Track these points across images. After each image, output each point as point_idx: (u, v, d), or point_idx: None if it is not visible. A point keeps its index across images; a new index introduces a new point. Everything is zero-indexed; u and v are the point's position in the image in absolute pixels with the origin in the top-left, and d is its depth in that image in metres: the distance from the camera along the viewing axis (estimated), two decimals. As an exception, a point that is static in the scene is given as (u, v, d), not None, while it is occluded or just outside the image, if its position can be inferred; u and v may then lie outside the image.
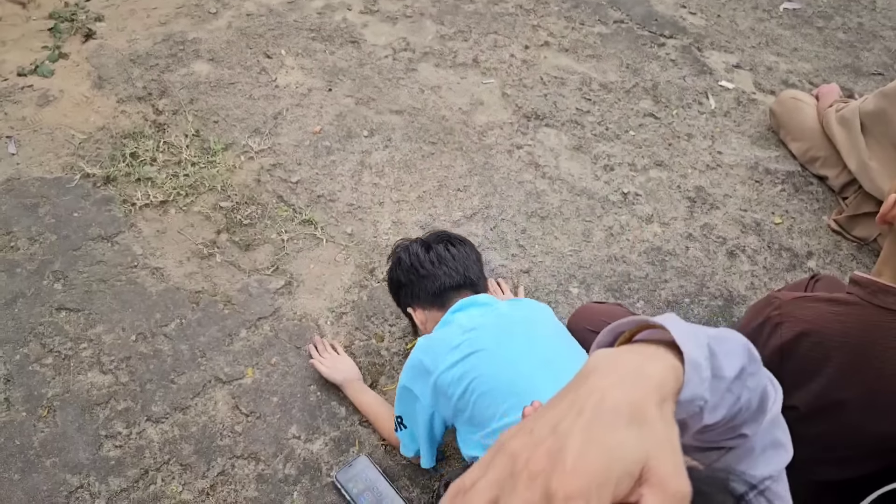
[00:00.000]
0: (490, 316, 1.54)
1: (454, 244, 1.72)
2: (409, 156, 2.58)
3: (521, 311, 1.60)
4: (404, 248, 1.75)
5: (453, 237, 1.76)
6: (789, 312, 1.38)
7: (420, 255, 1.70)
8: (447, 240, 1.74)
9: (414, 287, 1.71)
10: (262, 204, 2.36)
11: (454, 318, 1.57)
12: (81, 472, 1.74)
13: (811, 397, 1.39)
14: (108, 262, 2.14)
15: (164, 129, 2.52)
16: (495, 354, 1.42)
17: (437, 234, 1.77)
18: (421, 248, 1.71)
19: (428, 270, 1.67)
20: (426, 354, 1.52)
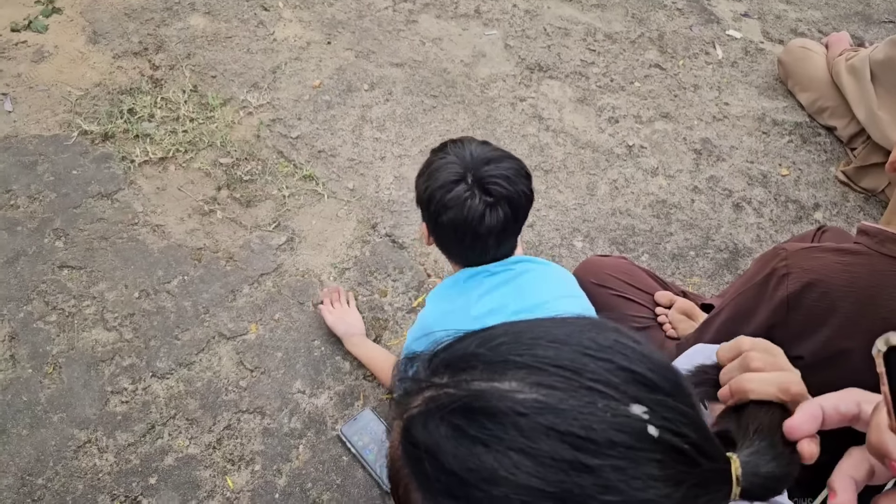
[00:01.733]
0: (509, 296, 1.42)
1: (517, 209, 1.34)
2: (410, 109, 2.54)
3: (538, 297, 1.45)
4: (462, 199, 1.31)
5: (520, 193, 1.33)
6: (796, 263, 1.36)
7: (477, 216, 1.31)
8: (511, 202, 1.32)
9: (449, 242, 1.43)
10: (263, 160, 2.33)
11: (473, 299, 1.43)
12: (89, 427, 1.76)
13: (817, 347, 1.38)
14: (109, 219, 2.12)
15: (161, 85, 2.48)
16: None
17: (500, 187, 1.31)
18: (484, 208, 1.30)
19: (477, 247, 1.38)
20: (439, 323, 1.46)
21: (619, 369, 0.47)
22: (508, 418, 0.45)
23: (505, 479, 0.43)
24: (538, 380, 0.46)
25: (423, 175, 1.39)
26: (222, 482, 1.71)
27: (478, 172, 1.31)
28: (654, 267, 2.24)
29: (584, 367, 0.47)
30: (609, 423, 0.44)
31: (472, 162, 1.32)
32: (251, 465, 1.74)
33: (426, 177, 1.37)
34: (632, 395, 0.46)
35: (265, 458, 1.76)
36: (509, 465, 0.43)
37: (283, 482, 1.73)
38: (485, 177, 1.30)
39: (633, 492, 0.43)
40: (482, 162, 1.32)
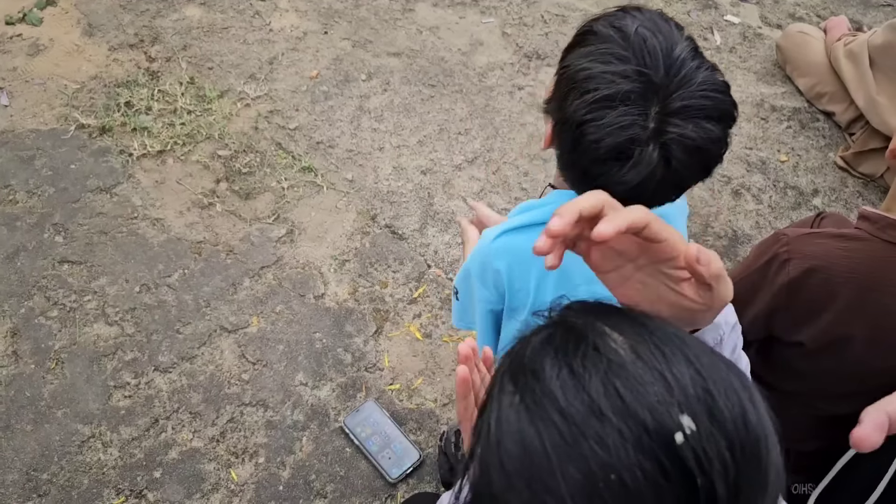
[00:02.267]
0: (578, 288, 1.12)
1: (701, 165, 0.92)
2: (408, 99, 2.54)
3: None
4: (628, 138, 0.86)
5: (713, 140, 0.89)
6: (797, 249, 1.37)
7: (644, 168, 0.88)
8: (698, 155, 0.89)
9: (580, 171, 0.96)
10: (261, 152, 2.32)
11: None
12: (92, 421, 1.76)
13: (818, 333, 1.39)
14: (108, 213, 2.12)
15: (158, 77, 2.47)
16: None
17: (689, 139, 0.87)
18: (658, 161, 0.88)
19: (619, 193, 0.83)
20: (511, 274, 1.12)
21: (704, 391, 0.48)
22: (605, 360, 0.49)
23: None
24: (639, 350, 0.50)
25: (580, 89, 0.89)
26: (226, 475, 1.72)
27: (665, 126, 0.86)
28: (654, 255, 2.24)
29: (680, 377, 0.48)
30: (651, 408, 0.45)
31: (663, 94, 0.86)
32: (255, 458, 1.75)
33: (588, 99, 0.87)
34: (690, 409, 0.46)
35: (269, 451, 1.76)
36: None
37: (286, 474, 1.74)
38: (673, 139, 0.86)
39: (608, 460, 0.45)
40: (674, 110, 0.86)
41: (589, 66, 0.88)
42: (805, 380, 1.51)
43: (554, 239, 0.54)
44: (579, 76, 0.88)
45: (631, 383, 0.47)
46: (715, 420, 0.46)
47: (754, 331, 1.48)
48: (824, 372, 1.46)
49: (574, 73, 0.89)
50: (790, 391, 1.56)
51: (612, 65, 0.86)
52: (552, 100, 0.97)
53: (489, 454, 0.50)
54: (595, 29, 0.91)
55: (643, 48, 0.86)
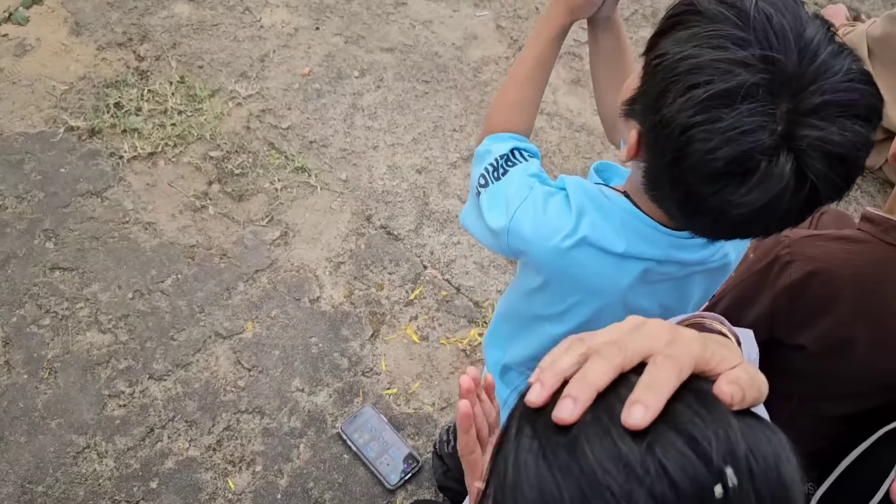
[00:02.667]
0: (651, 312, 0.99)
1: (842, 185, 0.73)
2: (401, 96, 2.50)
3: None
4: (769, 151, 0.68)
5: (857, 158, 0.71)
6: (799, 251, 1.35)
7: (782, 207, 0.71)
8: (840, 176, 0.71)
9: (678, 196, 0.78)
10: (253, 152, 2.29)
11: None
12: (87, 432, 1.74)
13: (820, 335, 1.37)
14: (99, 218, 2.09)
15: (148, 77, 2.43)
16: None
17: (840, 163, 0.70)
18: (794, 193, 0.70)
19: (727, 229, 0.80)
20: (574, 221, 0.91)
21: (746, 447, 0.44)
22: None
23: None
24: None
25: (683, 83, 0.69)
26: (223, 484, 1.71)
27: (798, 129, 0.67)
28: (652, 252, 2.22)
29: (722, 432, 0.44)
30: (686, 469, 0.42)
31: (795, 89, 0.67)
32: (252, 466, 1.74)
33: (695, 96, 0.68)
34: (734, 464, 0.43)
35: (266, 459, 1.75)
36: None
37: (284, 482, 1.72)
38: (811, 144, 0.67)
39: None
40: (810, 108, 0.67)
41: (696, 54, 0.68)
42: (807, 382, 1.50)
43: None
44: (682, 66, 0.69)
45: (664, 443, 0.43)
46: (753, 476, 0.43)
47: (756, 333, 1.46)
48: (827, 374, 1.45)
49: (674, 63, 0.69)
50: (791, 393, 1.55)
51: (728, 51, 0.67)
52: (639, 99, 0.78)
53: (505, 496, 0.48)
54: (700, 6, 0.70)
55: (767, 28, 0.67)
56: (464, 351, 1.96)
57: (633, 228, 0.89)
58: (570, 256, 0.91)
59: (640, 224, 0.89)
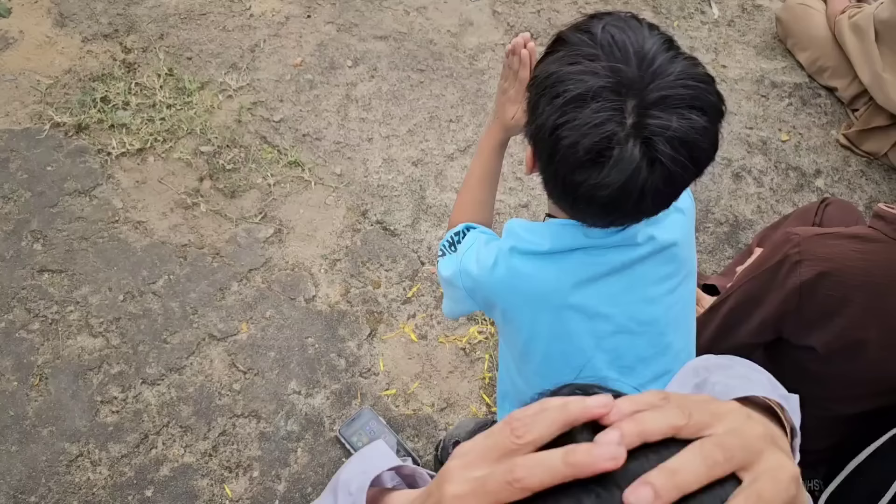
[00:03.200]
0: (615, 319, 1.06)
1: (690, 170, 0.85)
2: (396, 86, 2.44)
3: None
4: (619, 140, 0.81)
5: (700, 150, 0.84)
6: (809, 250, 1.31)
7: (636, 187, 0.83)
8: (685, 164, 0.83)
9: (566, 191, 0.90)
10: (245, 146, 2.24)
11: (569, 280, 1.02)
12: (80, 439, 1.71)
13: (830, 337, 1.34)
14: (88, 218, 2.04)
15: (135, 70, 2.36)
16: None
17: (684, 148, 0.82)
18: (648, 175, 0.82)
19: (610, 211, 0.90)
20: (504, 296, 1.05)
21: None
22: None
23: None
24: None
25: (550, 93, 0.84)
26: (220, 491, 1.67)
27: (644, 119, 0.80)
28: (654, 244, 2.18)
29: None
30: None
31: (639, 87, 0.81)
32: (249, 472, 1.70)
33: (557, 102, 0.83)
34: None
35: (263, 464, 1.71)
36: None
37: (282, 488, 1.69)
38: (655, 132, 0.81)
39: None
40: (652, 101, 0.81)
41: (558, 70, 0.84)
42: (816, 382, 1.46)
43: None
44: (548, 81, 0.85)
45: None
46: None
47: (763, 333, 1.42)
48: (836, 375, 1.41)
49: (543, 80, 0.86)
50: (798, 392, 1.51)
51: (581, 64, 0.83)
52: (527, 120, 0.92)
53: None
54: (563, 36, 0.88)
55: (612, 44, 0.83)
56: (463, 349, 1.92)
57: (554, 231, 1.01)
58: (506, 268, 1.02)
59: (559, 226, 1.01)
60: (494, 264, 1.04)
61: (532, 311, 1.05)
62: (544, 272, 1.02)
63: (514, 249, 1.03)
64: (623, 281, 1.04)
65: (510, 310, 1.07)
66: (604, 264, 1.02)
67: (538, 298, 1.03)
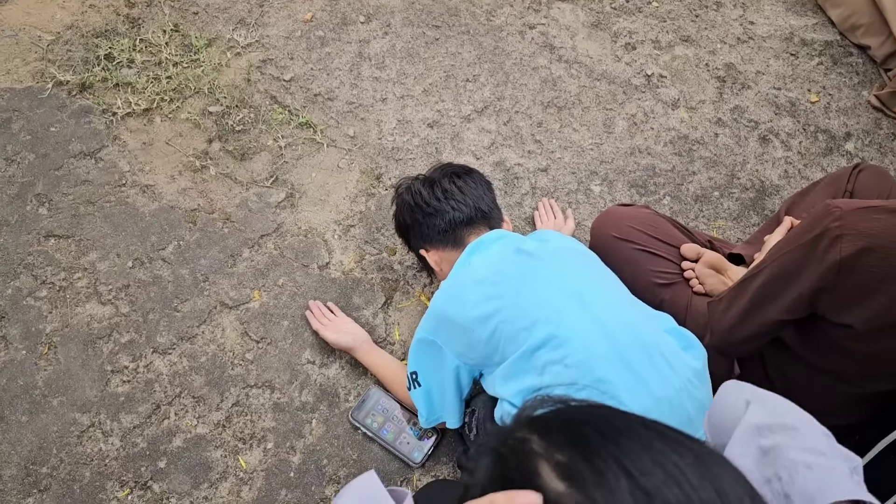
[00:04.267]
0: (509, 251, 1.38)
1: (459, 176, 1.54)
2: (410, 43, 2.35)
3: (544, 243, 1.43)
4: (406, 188, 1.58)
5: (458, 168, 1.58)
6: (852, 225, 1.24)
7: (423, 192, 1.53)
8: (451, 173, 1.55)
9: (422, 227, 1.54)
10: (255, 106, 2.16)
11: (471, 261, 1.41)
12: (91, 410, 1.67)
13: (870, 315, 1.28)
14: (94, 181, 1.98)
15: (139, 25, 2.27)
16: (521, 291, 1.30)
17: (441, 168, 1.58)
18: (423, 186, 1.54)
19: (434, 207, 1.51)
20: (447, 301, 1.40)
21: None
22: None
23: None
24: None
25: (396, 214, 1.66)
26: (234, 462, 1.65)
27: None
28: (677, 210, 2.11)
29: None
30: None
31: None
32: (263, 443, 1.67)
33: (397, 212, 1.66)
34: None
35: (277, 435, 1.68)
36: None
37: (297, 460, 1.66)
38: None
39: None
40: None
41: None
42: (850, 360, 1.41)
43: None
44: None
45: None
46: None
47: (797, 310, 1.36)
48: (873, 354, 1.36)
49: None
50: (829, 369, 1.46)
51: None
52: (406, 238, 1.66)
53: None
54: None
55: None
56: (481, 319, 1.87)
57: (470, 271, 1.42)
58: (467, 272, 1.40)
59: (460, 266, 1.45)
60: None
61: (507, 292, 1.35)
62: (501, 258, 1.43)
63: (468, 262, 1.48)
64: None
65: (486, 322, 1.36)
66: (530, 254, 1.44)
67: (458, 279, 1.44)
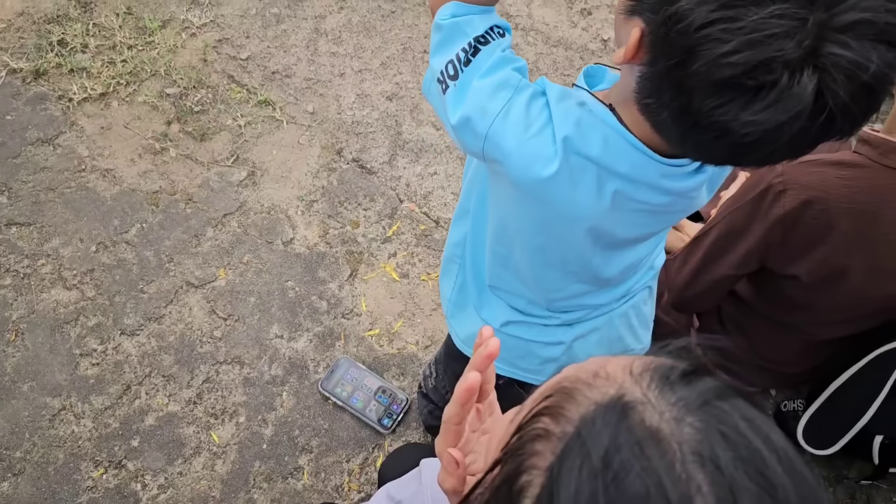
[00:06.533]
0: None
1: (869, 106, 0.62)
2: (367, 17, 2.35)
3: None
4: (793, 64, 0.57)
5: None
6: (793, 179, 1.28)
7: (794, 130, 0.61)
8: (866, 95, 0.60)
9: (681, 109, 0.65)
10: (213, 86, 2.15)
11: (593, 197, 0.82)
12: (61, 393, 1.69)
13: (814, 265, 1.32)
14: (53, 167, 1.97)
15: (91, 9, 2.25)
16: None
17: (868, 90, 0.59)
18: (811, 117, 0.60)
19: (738, 151, 0.67)
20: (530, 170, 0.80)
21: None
22: None
23: None
24: None
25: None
26: (207, 437, 1.67)
27: (826, 42, 0.57)
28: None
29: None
30: None
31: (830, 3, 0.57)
32: (235, 418, 1.70)
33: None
34: None
35: (249, 409, 1.71)
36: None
37: (269, 432, 1.69)
38: (838, 63, 0.57)
39: None
40: (843, 25, 0.57)
41: None
42: (799, 309, 1.46)
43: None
44: None
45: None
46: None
47: (747, 264, 1.41)
48: (820, 302, 1.41)
49: None
50: (782, 319, 1.51)
51: None
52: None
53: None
54: None
55: None
56: (446, 287, 1.90)
57: (615, 148, 0.78)
58: (551, 181, 0.80)
59: (624, 144, 0.78)
60: (538, 174, 0.80)
61: (551, 213, 0.87)
62: (584, 194, 0.82)
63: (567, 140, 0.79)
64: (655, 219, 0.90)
65: (529, 201, 0.87)
66: (646, 204, 0.84)
67: (566, 215, 0.86)
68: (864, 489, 1.75)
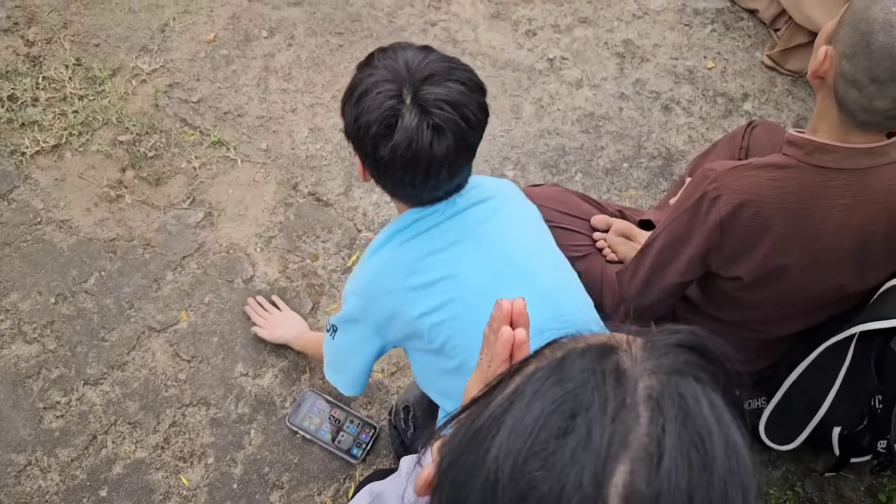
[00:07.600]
0: (464, 279, 1.20)
1: (465, 135, 1.07)
2: (315, 52, 2.38)
3: (490, 217, 1.24)
4: (403, 126, 1.04)
5: (468, 116, 1.06)
6: (726, 185, 1.32)
7: (424, 144, 1.04)
8: (459, 128, 1.06)
9: (392, 179, 1.13)
10: (165, 131, 2.17)
11: (410, 260, 1.20)
12: (26, 449, 1.68)
13: (753, 266, 1.36)
14: (9, 222, 1.97)
15: (41, 63, 2.27)
16: (473, 294, 1.18)
17: (445, 112, 1.04)
18: (431, 135, 1.04)
19: (428, 182, 1.11)
20: (374, 285, 1.24)
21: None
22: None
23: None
24: None
25: (351, 99, 1.09)
26: (176, 482, 1.67)
27: (417, 93, 1.04)
28: (589, 185, 2.18)
29: None
30: None
31: (409, 77, 1.04)
32: (204, 459, 1.70)
33: (354, 101, 1.07)
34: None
35: (217, 450, 1.71)
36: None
37: (239, 471, 1.69)
38: (427, 100, 1.03)
39: None
40: (420, 80, 1.04)
41: (354, 81, 1.11)
42: (746, 309, 1.49)
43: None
44: (348, 90, 1.11)
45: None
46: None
47: (692, 271, 1.44)
48: (764, 300, 1.44)
49: (345, 92, 1.12)
50: (733, 320, 1.55)
51: (373, 77, 1.07)
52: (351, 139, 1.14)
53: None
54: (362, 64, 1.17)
55: (392, 57, 1.08)
56: (408, 312, 1.92)
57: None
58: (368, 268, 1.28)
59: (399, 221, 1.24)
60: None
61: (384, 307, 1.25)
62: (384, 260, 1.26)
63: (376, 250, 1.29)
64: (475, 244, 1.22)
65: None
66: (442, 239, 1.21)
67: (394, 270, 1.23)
68: (831, 481, 1.78)
